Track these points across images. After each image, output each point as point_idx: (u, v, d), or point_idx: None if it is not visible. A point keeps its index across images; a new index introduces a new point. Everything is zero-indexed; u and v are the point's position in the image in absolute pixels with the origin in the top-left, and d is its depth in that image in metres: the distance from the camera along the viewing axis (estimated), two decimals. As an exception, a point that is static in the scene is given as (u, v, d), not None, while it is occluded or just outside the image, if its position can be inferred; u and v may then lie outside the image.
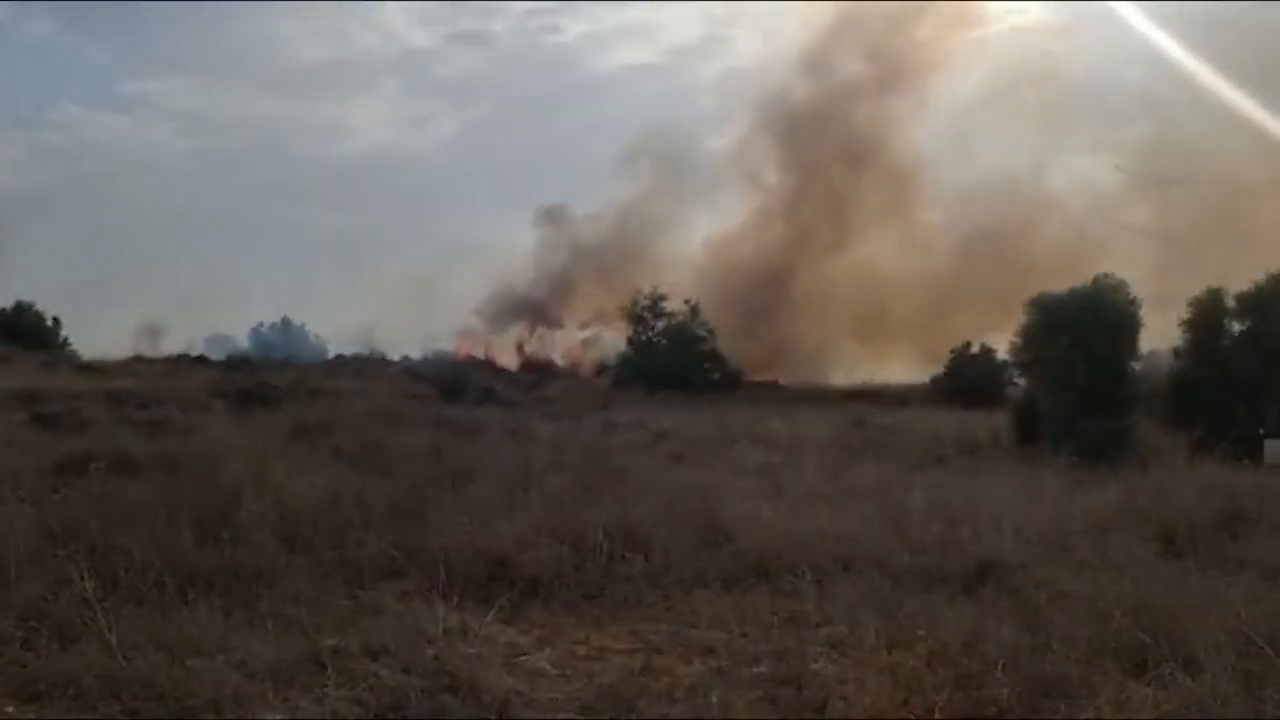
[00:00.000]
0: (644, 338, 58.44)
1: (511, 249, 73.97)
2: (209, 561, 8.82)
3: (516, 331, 69.53)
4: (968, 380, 48.76)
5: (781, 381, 60.46)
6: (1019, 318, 24.77)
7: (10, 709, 6.13)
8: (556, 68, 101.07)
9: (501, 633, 8.09)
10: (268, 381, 37.28)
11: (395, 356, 63.43)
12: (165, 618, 7.37)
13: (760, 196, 68.23)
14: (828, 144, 65.06)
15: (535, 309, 68.87)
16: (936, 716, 5.99)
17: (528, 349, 68.39)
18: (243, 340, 67.14)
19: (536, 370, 62.31)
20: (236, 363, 52.70)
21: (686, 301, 58.43)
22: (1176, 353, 25.14)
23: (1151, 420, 24.09)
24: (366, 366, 57.27)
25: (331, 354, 66.03)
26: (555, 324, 69.11)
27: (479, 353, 65.71)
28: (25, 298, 59.04)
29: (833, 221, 65.15)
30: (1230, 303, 24.13)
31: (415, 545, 9.98)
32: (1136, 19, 49.81)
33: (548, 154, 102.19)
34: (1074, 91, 73.28)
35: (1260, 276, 24.07)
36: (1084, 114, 78.13)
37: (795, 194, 66.40)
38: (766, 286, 61.75)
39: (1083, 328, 22.82)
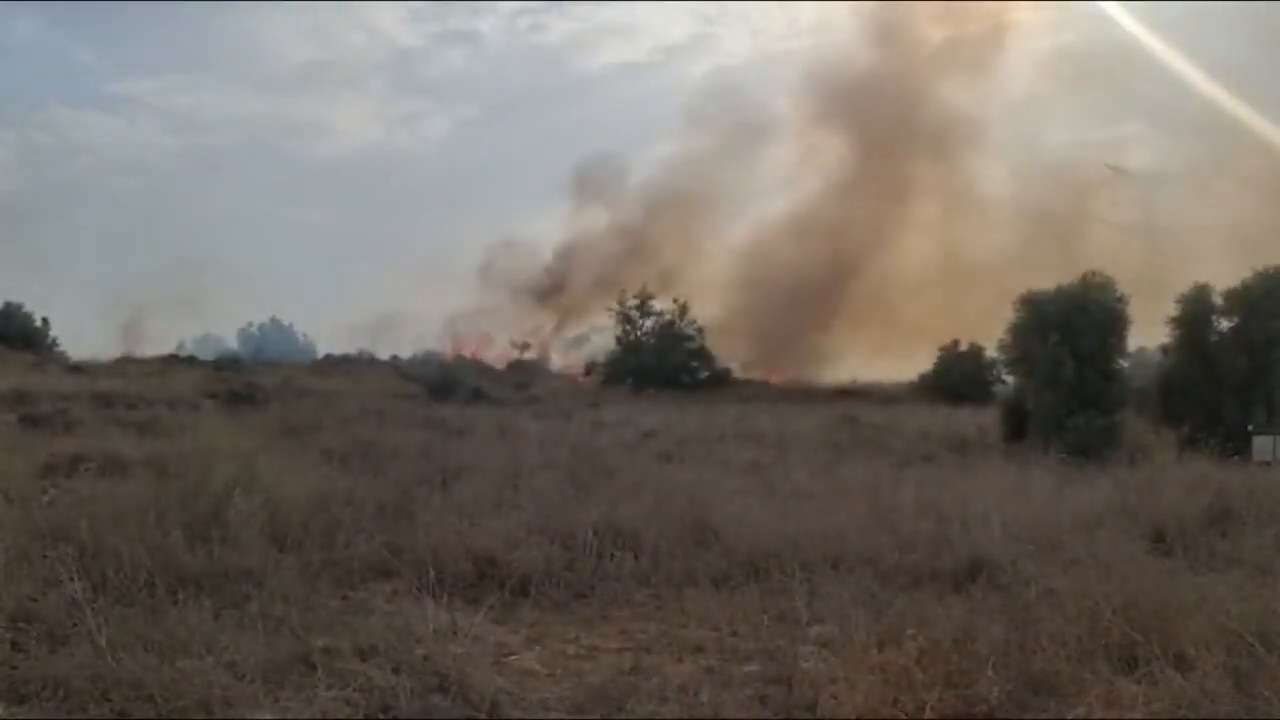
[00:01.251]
0: (632, 336, 58.48)
1: (501, 246, 73.35)
2: (199, 562, 8.78)
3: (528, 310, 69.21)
4: (955, 378, 48.89)
5: (772, 380, 60.38)
6: None
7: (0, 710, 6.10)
8: (544, 67, 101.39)
9: (491, 632, 8.07)
10: (256, 381, 37.21)
11: (384, 356, 63.46)
12: (155, 618, 7.33)
13: (810, 175, 67.29)
14: (881, 121, 63.52)
15: (555, 287, 68.45)
16: (927, 715, 5.99)
17: (533, 339, 68.14)
18: (231, 340, 67.15)
19: (525, 369, 62.22)
20: (225, 363, 52.61)
21: (675, 300, 58.64)
22: (1165, 350, 25.20)
23: (1140, 417, 24.14)
24: (355, 366, 57.23)
25: (320, 354, 66.06)
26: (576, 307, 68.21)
27: (468, 352, 65.70)
28: (14, 299, 58.90)
29: (885, 206, 63.97)
30: (1218, 299, 24.20)
31: (404, 545, 9.96)
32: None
33: (536, 153, 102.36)
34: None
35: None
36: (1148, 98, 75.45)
37: (846, 175, 64.93)
38: (807, 280, 60.79)
39: (1071, 325, 22.88)
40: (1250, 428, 22.25)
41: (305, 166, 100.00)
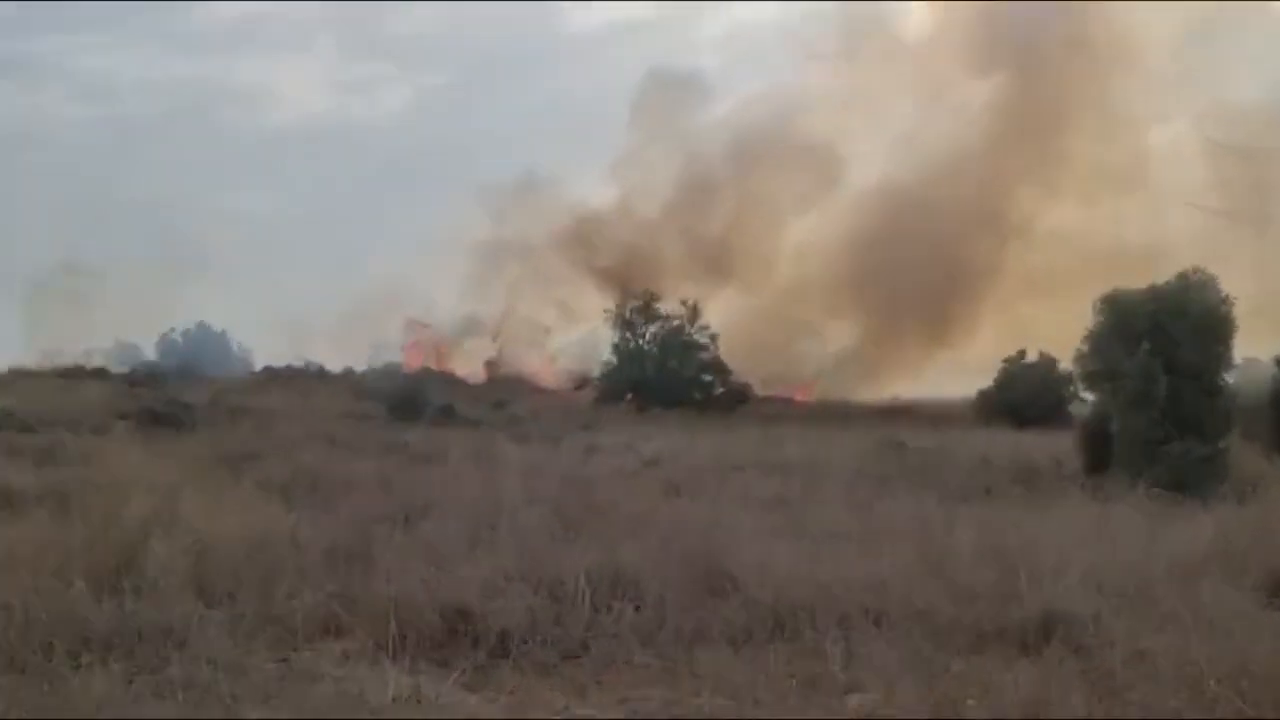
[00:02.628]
0: (633, 345, 58.16)
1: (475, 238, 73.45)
2: (107, 619, 8.78)
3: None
4: (1021, 395, 48.66)
5: (798, 398, 60.32)
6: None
7: None
8: (531, 25, 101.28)
9: (463, 700, 8.06)
10: (180, 399, 37.24)
11: (336, 368, 63.58)
12: (53, 687, 7.31)
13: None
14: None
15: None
16: (992, 803, 5.95)
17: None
18: (150, 349, 67.16)
19: (504, 383, 62.26)
20: (142, 376, 52.67)
21: (684, 302, 58.24)
22: (1279, 362, 25.16)
23: (1251, 444, 24.07)
24: (302, 380, 57.37)
25: (259, 366, 66.17)
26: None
27: (434, 363, 65.71)
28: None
29: (1037, 155, 62.44)
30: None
31: (360, 596, 9.96)
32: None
33: (518, 128, 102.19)
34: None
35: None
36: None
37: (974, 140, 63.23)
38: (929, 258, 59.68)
39: (1165, 332, 22.78)
40: (1388, 458, 22.23)
41: (240, 140, 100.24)
